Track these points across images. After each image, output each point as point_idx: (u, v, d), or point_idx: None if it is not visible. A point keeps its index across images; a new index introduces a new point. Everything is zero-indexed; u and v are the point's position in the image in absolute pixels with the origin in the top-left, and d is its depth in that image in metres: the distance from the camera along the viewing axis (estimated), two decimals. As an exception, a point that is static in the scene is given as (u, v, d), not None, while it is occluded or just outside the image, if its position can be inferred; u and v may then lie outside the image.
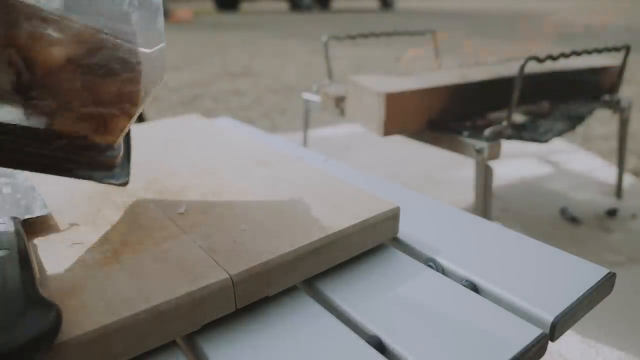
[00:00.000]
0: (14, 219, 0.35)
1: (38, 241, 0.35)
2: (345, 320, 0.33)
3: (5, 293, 0.26)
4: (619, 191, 1.30)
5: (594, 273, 0.36)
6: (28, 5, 0.28)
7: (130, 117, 0.33)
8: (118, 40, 0.31)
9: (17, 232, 0.33)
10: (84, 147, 0.33)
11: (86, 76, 0.30)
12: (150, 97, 0.34)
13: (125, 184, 0.41)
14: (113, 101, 0.32)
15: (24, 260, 0.29)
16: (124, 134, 0.34)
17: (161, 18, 0.33)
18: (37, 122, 0.30)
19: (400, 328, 0.31)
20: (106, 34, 0.30)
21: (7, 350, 0.22)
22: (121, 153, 0.38)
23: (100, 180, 0.38)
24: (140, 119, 1.45)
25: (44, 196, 0.41)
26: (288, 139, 1.01)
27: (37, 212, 0.38)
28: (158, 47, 0.33)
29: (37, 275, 0.30)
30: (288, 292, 0.35)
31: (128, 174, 0.42)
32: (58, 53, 0.29)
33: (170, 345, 0.30)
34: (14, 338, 0.22)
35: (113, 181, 0.39)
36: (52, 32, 0.28)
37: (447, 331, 0.30)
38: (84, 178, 0.36)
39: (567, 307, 0.32)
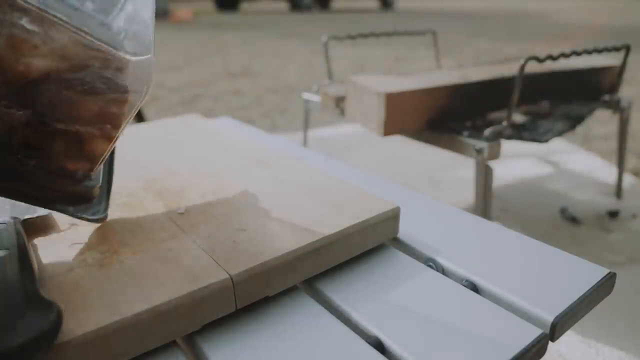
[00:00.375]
0: (14, 218, 0.35)
1: (38, 241, 0.35)
2: (345, 320, 0.33)
3: (5, 293, 0.26)
4: (619, 191, 1.30)
5: (594, 273, 0.36)
6: None
7: (109, 140, 0.30)
8: (106, 54, 0.28)
9: (17, 232, 0.33)
10: (58, 174, 0.30)
11: (67, 91, 0.27)
12: (134, 112, 0.31)
13: (102, 219, 0.37)
14: (93, 120, 0.29)
15: (24, 260, 0.29)
16: (102, 160, 0.32)
17: (152, 29, 0.31)
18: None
19: (400, 328, 0.31)
20: (95, 48, 0.27)
21: (7, 350, 0.22)
22: (99, 184, 0.34)
23: (73, 214, 0.35)
24: (140, 118, 1.45)
25: (44, 196, 0.41)
26: (288, 139, 1.01)
27: (37, 212, 0.38)
28: (146, 56, 0.30)
29: (37, 275, 0.30)
30: (288, 292, 0.35)
31: (106, 209, 0.38)
32: (39, 64, 0.26)
33: (170, 345, 0.30)
34: (14, 338, 0.22)
35: (88, 216, 0.36)
36: (28, 25, 0.25)
37: (447, 331, 0.30)
38: (59, 210, 0.34)
39: (567, 307, 0.32)
